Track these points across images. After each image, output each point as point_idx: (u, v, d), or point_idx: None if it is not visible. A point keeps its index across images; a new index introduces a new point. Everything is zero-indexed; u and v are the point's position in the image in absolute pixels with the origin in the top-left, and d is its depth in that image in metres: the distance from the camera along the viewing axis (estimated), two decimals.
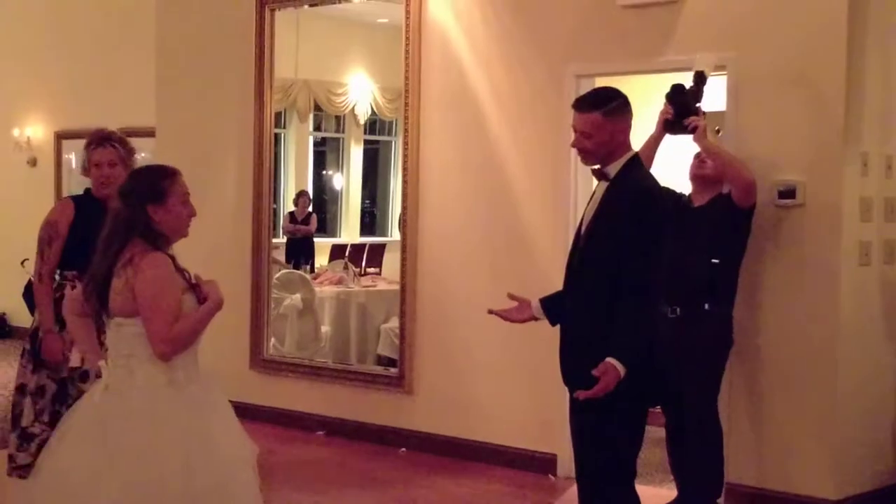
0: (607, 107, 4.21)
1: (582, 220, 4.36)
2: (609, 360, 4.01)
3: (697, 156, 5.80)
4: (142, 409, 3.65)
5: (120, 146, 5.46)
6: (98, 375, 5.01)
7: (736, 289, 5.75)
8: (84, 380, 5.17)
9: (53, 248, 5.37)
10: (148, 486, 3.55)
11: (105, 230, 3.83)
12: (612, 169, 4.23)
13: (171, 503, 3.57)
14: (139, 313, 3.68)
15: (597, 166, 4.29)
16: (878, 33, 6.04)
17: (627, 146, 4.26)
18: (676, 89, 5.66)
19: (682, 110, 5.64)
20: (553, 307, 4.39)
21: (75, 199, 5.56)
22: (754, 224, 5.73)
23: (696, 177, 5.81)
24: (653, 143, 5.75)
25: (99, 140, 5.47)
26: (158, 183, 3.83)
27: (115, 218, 3.82)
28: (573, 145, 4.31)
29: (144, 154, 10.74)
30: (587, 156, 4.31)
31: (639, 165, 4.30)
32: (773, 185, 5.85)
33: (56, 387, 5.29)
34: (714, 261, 5.61)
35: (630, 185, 4.20)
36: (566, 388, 4.29)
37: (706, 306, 5.61)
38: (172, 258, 3.81)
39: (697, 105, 5.67)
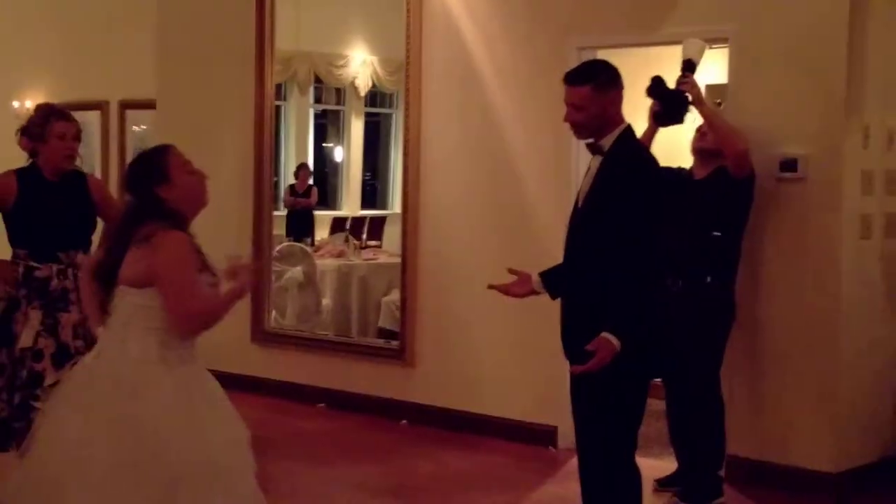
0: (598, 79, 4.21)
1: (578, 194, 4.36)
2: (604, 334, 4.03)
3: (699, 129, 5.80)
4: (128, 382, 3.64)
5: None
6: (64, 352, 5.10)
7: (738, 261, 5.75)
8: (38, 359, 5.18)
9: None
10: (127, 458, 3.54)
11: (119, 222, 3.84)
12: (606, 142, 4.23)
13: (149, 477, 3.54)
14: (146, 285, 3.66)
15: (590, 140, 4.29)
16: (881, 5, 6.02)
17: (620, 118, 4.26)
18: (657, 82, 5.62)
19: (667, 102, 5.62)
20: (553, 281, 4.39)
21: (20, 172, 5.43)
22: (756, 196, 5.72)
23: (697, 149, 5.81)
24: (647, 139, 5.73)
25: (61, 112, 5.46)
26: (157, 162, 3.81)
27: (127, 209, 3.83)
28: (566, 119, 4.30)
29: (144, 126, 10.77)
30: (580, 129, 4.30)
31: (632, 137, 4.30)
32: (774, 157, 5.85)
33: (10, 367, 5.23)
34: (715, 233, 5.62)
35: (624, 157, 4.20)
36: (567, 361, 4.31)
37: (708, 279, 5.62)
38: (191, 237, 3.81)
39: (684, 92, 5.62)
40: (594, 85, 4.20)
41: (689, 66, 5.63)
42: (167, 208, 3.73)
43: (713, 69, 7.41)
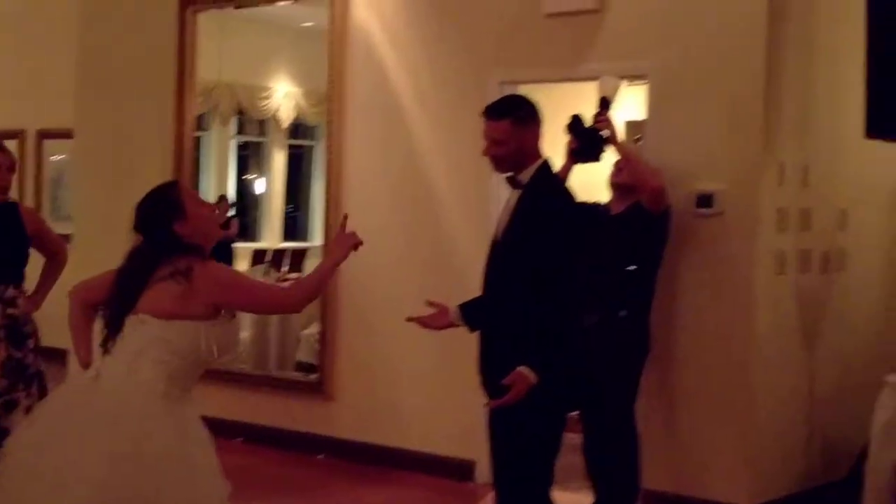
0: (517, 114, 4.26)
1: (497, 227, 4.38)
2: (520, 368, 4.03)
3: (616, 163, 5.86)
4: (130, 413, 3.56)
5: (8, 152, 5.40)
6: None
7: (653, 296, 5.79)
8: None
9: None
10: (111, 489, 3.45)
11: (128, 265, 3.75)
12: (524, 176, 4.26)
13: None
14: (174, 317, 3.62)
15: (509, 174, 4.32)
16: (797, 43, 6.14)
17: (538, 153, 4.30)
18: (575, 120, 5.68)
19: (584, 139, 5.68)
20: (472, 313, 4.39)
21: None
22: (672, 231, 5.79)
23: (614, 184, 5.86)
24: (563, 174, 5.77)
25: None
26: (171, 198, 3.78)
27: (139, 252, 3.75)
28: (485, 153, 4.33)
29: (63, 155, 10.64)
30: (499, 163, 4.33)
31: (550, 172, 4.34)
32: (691, 193, 5.91)
33: None
34: (630, 267, 5.66)
35: (543, 190, 4.24)
36: (485, 395, 4.31)
37: (622, 313, 5.66)
38: None
39: (600, 130, 5.68)
40: (513, 119, 4.24)
41: (604, 104, 5.71)
42: (184, 244, 3.70)
43: (633, 106, 7.50)
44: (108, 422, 3.54)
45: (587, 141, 5.64)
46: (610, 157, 5.83)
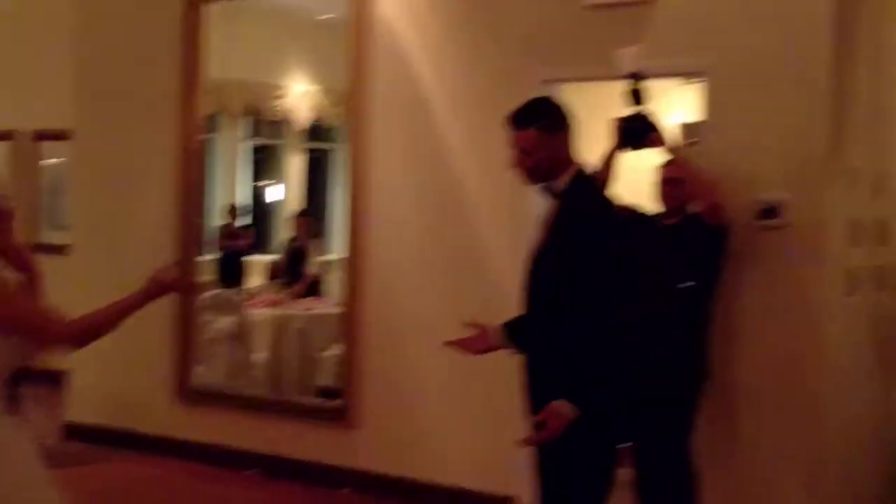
0: (542, 121, 4.27)
1: (534, 241, 4.37)
2: (554, 403, 4.03)
3: (667, 182, 5.79)
4: None
5: None
6: None
7: (712, 316, 5.74)
8: None
9: None
10: None
11: None
12: (559, 184, 4.28)
13: None
14: None
15: (542, 183, 4.33)
16: (869, 37, 6.08)
17: (571, 160, 4.30)
18: (629, 121, 5.65)
19: (636, 134, 5.65)
20: (517, 333, 4.36)
21: None
22: (732, 246, 5.73)
23: (675, 209, 5.80)
24: (610, 160, 5.76)
25: None
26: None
27: None
28: (512, 164, 4.35)
29: (60, 158, 10.66)
30: (528, 174, 4.35)
31: (586, 180, 4.35)
32: (754, 202, 5.85)
33: None
34: (686, 284, 5.61)
35: (580, 203, 4.23)
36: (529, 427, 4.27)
37: (676, 334, 5.61)
38: None
39: (647, 117, 5.65)
40: (539, 127, 4.25)
41: (636, 80, 5.61)
42: None
43: (685, 107, 7.45)
44: None
45: (634, 125, 5.62)
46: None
